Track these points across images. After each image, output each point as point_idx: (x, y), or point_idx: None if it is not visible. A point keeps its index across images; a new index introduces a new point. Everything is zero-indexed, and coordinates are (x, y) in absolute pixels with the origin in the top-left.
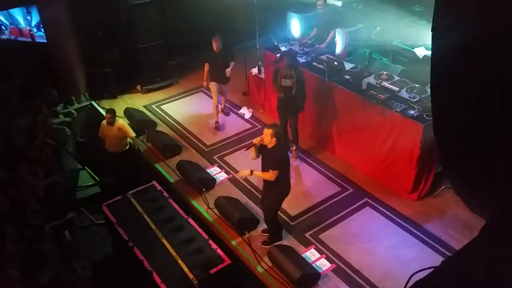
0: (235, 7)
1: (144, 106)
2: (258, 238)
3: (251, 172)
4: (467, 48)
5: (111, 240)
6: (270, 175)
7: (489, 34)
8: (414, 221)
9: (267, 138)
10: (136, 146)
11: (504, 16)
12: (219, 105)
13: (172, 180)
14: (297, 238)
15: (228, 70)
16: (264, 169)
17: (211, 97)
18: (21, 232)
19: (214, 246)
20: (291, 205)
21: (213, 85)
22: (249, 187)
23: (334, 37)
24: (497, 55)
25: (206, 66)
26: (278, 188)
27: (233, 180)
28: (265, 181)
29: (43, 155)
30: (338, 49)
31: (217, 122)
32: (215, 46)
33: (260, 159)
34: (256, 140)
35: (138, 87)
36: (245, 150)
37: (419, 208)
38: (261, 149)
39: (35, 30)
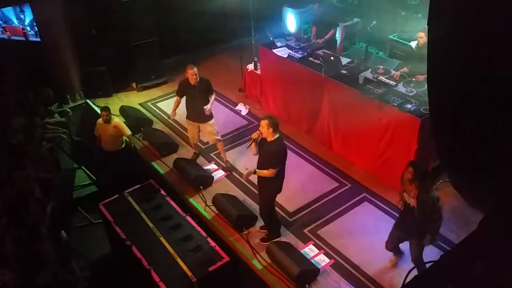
0: (230, 2)
1: (140, 104)
2: (257, 234)
3: (255, 171)
4: (464, 41)
5: (109, 239)
6: (270, 172)
7: (485, 27)
8: None
9: (264, 129)
10: (132, 144)
11: (500, 9)
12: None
13: (169, 178)
14: (296, 234)
15: (207, 107)
16: (261, 163)
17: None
18: (18, 232)
19: (212, 243)
20: (289, 201)
21: (190, 125)
22: (246, 184)
23: (334, 34)
24: (494, 47)
25: (177, 100)
26: (272, 185)
27: (230, 177)
28: (259, 177)
29: (39, 154)
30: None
31: (195, 153)
32: (192, 77)
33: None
34: (255, 135)
35: (133, 85)
36: (247, 148)
37: None
38: (261, 143)
39: (28, 28)
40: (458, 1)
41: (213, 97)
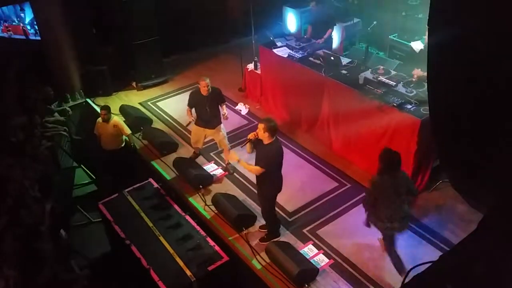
0: (230, 2)
1: (140, 103)
2: (256, 234)
3: (239, 160)
4: (463, 41)
5: (108, 238)
6: (256, 169)
7: (484, 28)
8: (411, 216)
9: (261, 132)
10: (132, 144)
11: (498, 11)
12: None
13: (168, 177)
14: (295, 234)
15: (226, 113)
16: (256, 162)
17: None
18: (18, 231)
19: (212, 243)
20: (288, 201)
21: (197, 130)
22: (246, 183)
23: (331, 34)
24: (493, 48)
25: (189, 112)
26: (269, 186)
27: (230, 177)
28: (256, 177)
29: (39, 153)
30: (335, 44)
31: (195, 152)
32: (204, 88)
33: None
34: (251, 135)
35: (133, 84)
36: (241, 147)
37: (416, 203)
38: (257, 144)
39: (28, 27)
40: (458, 1)
41: (224, 105)
